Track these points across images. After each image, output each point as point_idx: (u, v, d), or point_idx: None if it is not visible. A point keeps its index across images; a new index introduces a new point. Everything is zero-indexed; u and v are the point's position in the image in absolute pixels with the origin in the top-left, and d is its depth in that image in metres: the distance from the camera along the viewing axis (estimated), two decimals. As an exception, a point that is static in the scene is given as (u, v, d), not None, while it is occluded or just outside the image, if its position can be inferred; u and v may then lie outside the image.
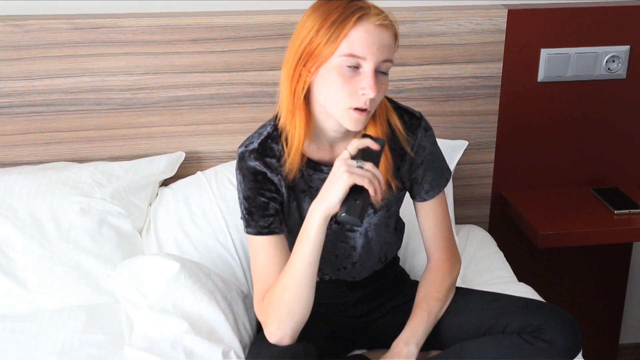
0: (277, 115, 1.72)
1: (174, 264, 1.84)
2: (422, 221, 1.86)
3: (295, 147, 1.67)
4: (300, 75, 1.62)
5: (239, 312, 1.86)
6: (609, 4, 2.44)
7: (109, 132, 2.30)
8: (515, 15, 2.38)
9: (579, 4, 2.43)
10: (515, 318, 1.73)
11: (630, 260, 2.78)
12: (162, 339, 1.74)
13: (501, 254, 2.34)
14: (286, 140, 1.69)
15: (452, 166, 2.34)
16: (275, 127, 1.72)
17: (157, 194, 2.26)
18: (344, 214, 1.57)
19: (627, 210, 2.42)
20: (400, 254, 2.09)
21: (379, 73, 1.60)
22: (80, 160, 2.30)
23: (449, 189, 2.33)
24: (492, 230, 2.57)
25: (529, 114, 2.50)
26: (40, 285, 2.03)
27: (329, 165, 1.69)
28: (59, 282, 2.03)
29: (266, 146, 1.71)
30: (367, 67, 1.57)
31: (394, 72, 1.94)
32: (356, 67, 1.57)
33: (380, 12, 1.59)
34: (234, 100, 2.32)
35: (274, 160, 1.70)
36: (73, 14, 2.24)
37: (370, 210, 1.79)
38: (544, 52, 2.43)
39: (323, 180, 1.66)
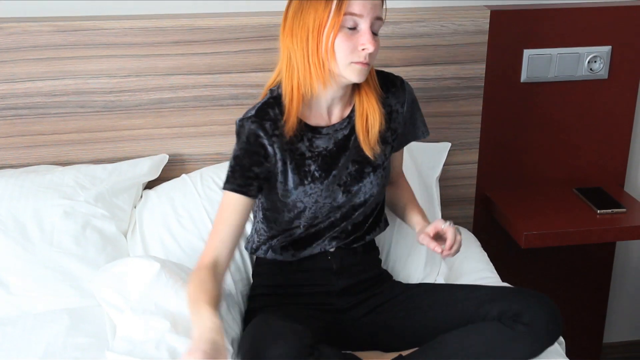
0: (271, 89, 1.85)
1: (154, 264, 1.84)
2: (393, 161, 2.06)
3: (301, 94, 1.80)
4: (318, 45, 1.74)
5: (221, 310, 1.86)
6: (591, 5, 2.46)
7: (92, 134, 2.29)
8: (497, 16, 2.39)
9: (561, 5, 2.45)
10: (494, 305, 1.77)
11: (614, 259, 2.79)
12: (146, 340, 1.74)
13: (485, 254, 2.34)
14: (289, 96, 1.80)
15: (437, 169, 2.38)
16: (274, 96, 1.83)
17: (141, 197, 2.26)
18: None
19: (610, 210, 2.43)
20: (382, 256, 2.12)
21: (373, 33, 1.75)
22: (63, 164, 2.29)
23: (434, 189, 2.35)
24: (476, 231, 2.57)
25: (512, 115, 2.51)
26: (23, 288, 2.02)
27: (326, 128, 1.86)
28: (42, 285, 2.02)
29: (263, 111, 1.81)
30: (364, 25, 1.73)
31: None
32: (354, 28, 1.73)
33: None
34: (218, 103, 2.32)
35: (270, 123, 1.80)
36: (55, 16, 2.23)
37: (372, 175, 1.90)
38: (527, 53, 2.44)
39: (324, 142, 1.84)
